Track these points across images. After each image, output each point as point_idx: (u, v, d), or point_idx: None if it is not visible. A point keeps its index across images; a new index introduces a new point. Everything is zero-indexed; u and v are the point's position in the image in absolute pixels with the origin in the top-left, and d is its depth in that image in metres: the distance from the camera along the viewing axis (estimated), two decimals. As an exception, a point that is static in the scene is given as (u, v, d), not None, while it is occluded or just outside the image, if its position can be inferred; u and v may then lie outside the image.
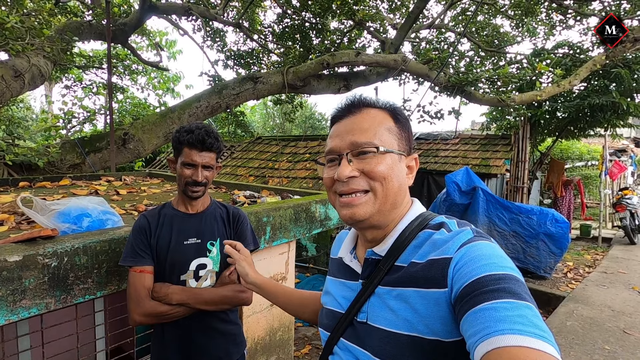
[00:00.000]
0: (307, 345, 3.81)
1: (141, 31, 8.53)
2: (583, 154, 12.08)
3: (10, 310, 1.13)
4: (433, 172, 6.31)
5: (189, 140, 1.35)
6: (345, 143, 0.73)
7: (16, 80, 4.20)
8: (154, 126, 5.05)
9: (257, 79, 5.59)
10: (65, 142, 4.76)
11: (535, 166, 8.16)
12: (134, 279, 1.29)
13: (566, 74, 6.03)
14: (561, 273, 5.55)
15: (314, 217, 2.41)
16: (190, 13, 6.52)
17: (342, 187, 0.73)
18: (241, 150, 8.91)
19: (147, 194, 2.94)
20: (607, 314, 3.95)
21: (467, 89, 5.76)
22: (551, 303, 4.57)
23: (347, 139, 0.73)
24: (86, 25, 5.80)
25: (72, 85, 8.58)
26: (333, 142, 0.76)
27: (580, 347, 3.25)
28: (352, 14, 6.77)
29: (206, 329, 1.40)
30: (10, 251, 1.15)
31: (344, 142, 0.74)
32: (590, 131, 7.64)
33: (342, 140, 0.74)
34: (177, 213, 1.43)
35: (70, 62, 7.13)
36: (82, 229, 1.46)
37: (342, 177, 0.72)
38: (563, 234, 4.82)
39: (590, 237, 8.09)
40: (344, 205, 0.74)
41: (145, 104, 9.23)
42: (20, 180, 3.12)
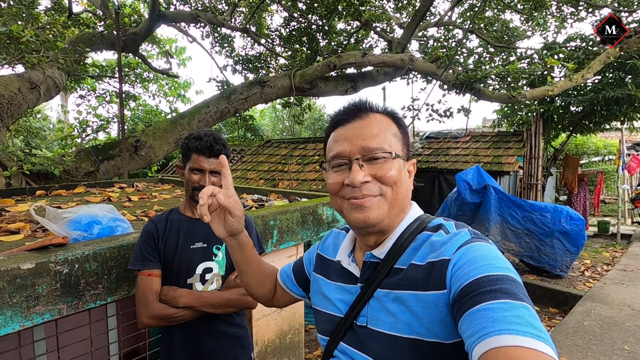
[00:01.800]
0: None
1: (151, 39, 8.70)
2: (599, 148, 11.78)
3: (25, 316, 1.17)
4: (444, 170, 6.25)
5: (197, 147, 1.39)
6: (355, 147, 0.73)
7: (32, 92, 4.34)
8: (165, 132, 5.14)
9: (265, 83, 5.64)
10: (79, 150, 4.88)
11: (549, 162, 8.00)
12: (142, 282, 1.32)
13: (579, 68, 5.90)
14: (578, 271, 5.42)
15: (321, 219, 2.41)
16: (198, 20, 6.62)
17: (354, 193, 0.72)
18: (251, 153, 8.99)
19: (158, 199, 3.00)
20: (626, 313, 3.84)
21: (477, 86, 5.69)
22: (568, 302, 4.47)
23: (357, 144, 0.73)
24: (98, 36, 5.94)
25: (86, 95, 8.80)
26: (341, 147, 0.75)
27: (598, 348, 3.16)
28: (358, 14, 6.77)
29: (213, 332, 1.43)
30: (23, 259, 1.19)
31: (354, 147, 0.73)
32: (606, 125, 7.45)
33: (351, 144, 0.73)
34: (184, 218, 1.47)
35: (84, 72, 7.31)
36: (92, 236, 1.50)
37: (356, 182, 0.71)
38: (579, 232, 4.71)
39: (609, 233, 7.87)
40: (356, 208, 0.72)
41: (157, 110, 9.40)
42: (37, 189, 3.21)
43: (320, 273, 0.91)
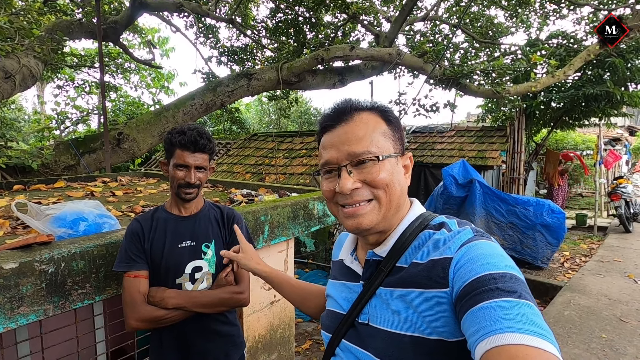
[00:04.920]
0: (307, 340, 3.84)
1: (133, 29, 8.42)
2: (578, 143, 12.14)
3: (8, 318, 1.12)
4: (430, 165, 6.32)
5: (181, 142, 1.33)
6: (342, 154, 0.72)
7: (7, 82, 4.14)
8: (149, 125, 5.01)
9: (252, 76, 5.55)
10: (59, 143, 4.71)
11: (531, 157, 8.20)
12: (129, 284, 1.27)
13: (560, 65, 6.03)
14: (558, 263, 5.60)
15: (312, 214, 2.40)
16: (182, 9, 6.43)
17: (345, 200, 0.72)
18: (237, 147, 8.88)
19: (143, 194, 2.92)
20: (603, 302, 4.00)
21: (462, 82, 5.75)
22: (549, 293, 4.62)
23: (343, 150, 0.72)
24: (76, 24, 5.71)
25: (64, 85, 8.49)
26: (329, 154, 0.74)
27: (577, 336, 3.29)
28: (345, 7, 6.72)
29: (204, 332, 1.40)
30: (5, 258, 1.14)
31: (341, 154, 0.72)
32: (585, 121, 7.67)
33: (338, 151, 0.72)
34: (170, 216, 1.42)
35: (62, 61, 7.03)
36: (78, 234, 1.44)
37: (345, 190, 0.70)
38: (559, 225, 4.86)
39: (586, 226, 8.16)
40: (348, 216, 0.73)
41: (139, 102, 9.16)
42: (15, 184, 3.08)
43: (331, 277, 0.93)
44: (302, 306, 1.10)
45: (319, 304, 1.05)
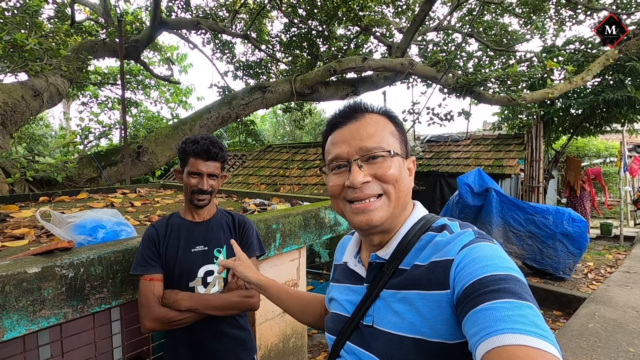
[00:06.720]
0: (322, 352, 3.80)
1: (153, 47, 8.77)
2: (600, 150, 11.77)
3: (31, 320, 1.18)
4: (445, 174, 6.25)
5: (195, 150, 1.40)
6: (353, 149, 0.73)
7: (35, 100, 4.38)
8: (167, 138, 5.17)
9: (266, 88, 5.67)
10: (82, 157, 4.91)
11: (551, 165, 7.99)
12: (144, 286, 1.33)
13: (578, 70, 5.92)
14: (581, 274, 5.40)
15: (323, 223, 2.42)
16: (199, 27, 6.68)
17: (356, 194, 0.72)
18: (252, 159, 9.00)
19: (160, 204, 3.01)
20: (631, 315, 3.82)
21: (476, 90, 5.71)
22: (572, 305, 4.45)
23: (354, 145, 0.73)
24: (100, 43, 6.00)
25: (88, 102, 8.85)
26: (339, 149, 0.75)
27: (603, 350, 3.14)
28: (358, 20, 6.82)
29: (216, 334, 1.43)
30: (29, 263, 1.20)
31: (352, 148, 0.73)
32: (607, 127, 7.45)
33: (349, 146, 0.74)
34: (184, 222, 1.48)
35: (86, 79, 7.37)
36: (97, 240, 1.51)
37: (356, 183, 0.71)
38: (581, 234, 4.70)
39: (612, 236, 7.85)
40: (358, 212, 0.73)
41: (159, 117, 9.44)
42: (41, 195, 3.23)
43: (333, 281, 0.94)
44: (302, 315, 1.08)
45: (319, 313, 1.05)
